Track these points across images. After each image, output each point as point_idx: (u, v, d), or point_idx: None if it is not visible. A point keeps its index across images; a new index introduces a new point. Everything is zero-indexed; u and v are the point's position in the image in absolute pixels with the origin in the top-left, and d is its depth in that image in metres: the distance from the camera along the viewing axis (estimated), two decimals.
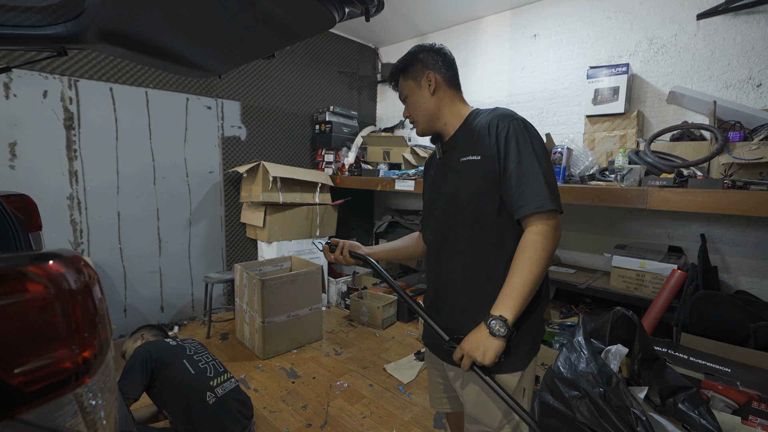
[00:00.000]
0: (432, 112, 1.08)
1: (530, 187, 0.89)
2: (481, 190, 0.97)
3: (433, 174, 1.16)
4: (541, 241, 0.87)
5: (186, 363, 1.61)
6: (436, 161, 1.15)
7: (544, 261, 0.88)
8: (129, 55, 1.41)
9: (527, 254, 0.88)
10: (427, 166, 1.26)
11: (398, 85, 1.15)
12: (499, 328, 0.87)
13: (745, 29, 2.20)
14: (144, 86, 2.64)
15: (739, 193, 1.63)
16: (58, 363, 0.40)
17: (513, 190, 0.91)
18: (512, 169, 0.91)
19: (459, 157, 1.03)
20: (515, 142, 0.92)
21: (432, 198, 1.13)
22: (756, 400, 1.48)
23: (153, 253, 2.80)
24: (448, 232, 1.05)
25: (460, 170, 1.01)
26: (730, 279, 2.31)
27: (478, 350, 0.88)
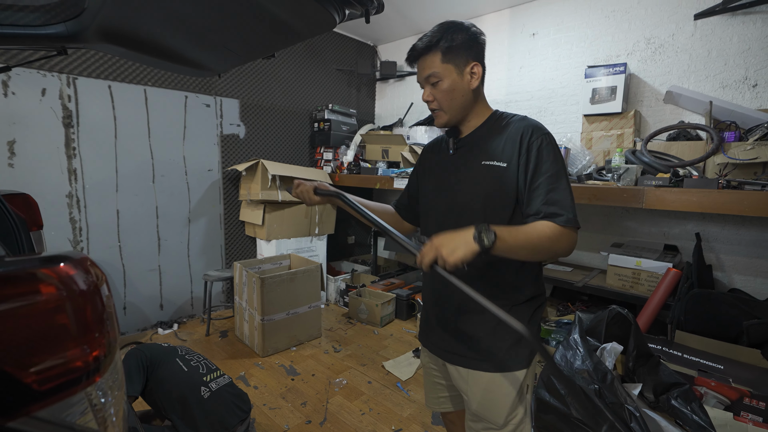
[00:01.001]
0: (465, 106, 1.00)
1: (561, 201, 0.89)
2: (499, 197, 0.96)
3: (438, 167, 1.09)
4: (558, 238, 0.87)
5: (179, 361, 1.64)
6: (443, 154, 1.09)
7: (548, 248, 0.87)
8: (129, 54, 1.41)
9: (545, 230, 0.87)
10: (426, 154, 1.18)
11: (424, 61, 0.98)
12: (485, 236, 0.80)
13: (742, 29, 2.22)
14: (143, 84, 2.63)
15: (734, 193, 1.65)
16: (70, 362, 0.42)
17: (540, 198, 0.90)
18: (541, 181, 0.90)
19: (480, 159, 0.99)
20: (548, 155, 0.92)
21: (436, 193, 1.07)
22: (748, 396, 1.51)
23: (152, 251, 2.80)
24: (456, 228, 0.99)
25: (481, 173, 0.98)
26: (725, 277, 2.34)
27: (448, 246, 0.81)
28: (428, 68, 0.98)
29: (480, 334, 1.02)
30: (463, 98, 0.99)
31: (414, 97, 3.88)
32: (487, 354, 1.01)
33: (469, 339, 1.03)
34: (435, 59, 0.97)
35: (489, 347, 1.01)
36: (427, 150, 1.19)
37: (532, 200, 0.92)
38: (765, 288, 2.21)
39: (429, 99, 1.01)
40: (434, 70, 0.97)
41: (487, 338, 1.01)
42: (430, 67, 0.97)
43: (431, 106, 1.02)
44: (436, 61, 0.97)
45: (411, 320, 3.10)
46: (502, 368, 1.00)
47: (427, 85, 1.00)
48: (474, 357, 1.02)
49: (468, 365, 1.03)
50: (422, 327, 1.20)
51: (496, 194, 0.96)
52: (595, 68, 2.57)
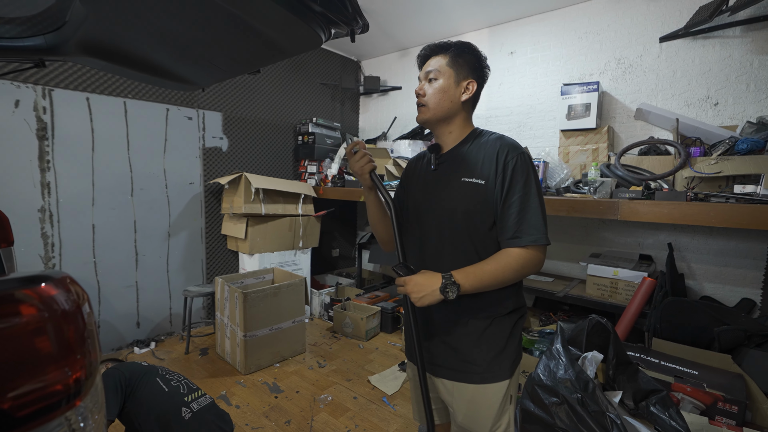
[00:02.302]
0: (449, 112, 1.05)
1: (530, 220, 0.94)
2: (478, 213, 0.99)
3: (421, 183, 1.12)
4: (525, 263, 0.94)
5: (159, 381, 1.58)
6: (426, 170, 1.12)
7: (516, 276, 0.95)
8: (110, 68, 1.39)
9: (509, 261, 0.94)
10: (410, 168, 1.21)
11: (432, 60, 1.06)
12: (451, 292, 0.90)
13: (703, 52, 2.37)
14: (122, 96, 2.59)
15: (701, 205, 1.74)
16: (50, 386, 0.40)
17: (512, 218, 0.95)
18: (514, 200, 0.96)
19: (461, 176, 1.02)
20: (521, 175, 0.96)
21: (418, 208, 1.10)
22: (721, 400, 1.57)
23: (129, 267, 2.71)
24: (437, 246, 1.04)
25: (461, 190, 1.01)
26: (696, 285, 2.44)
27: (419, 292, 0.92)
28: (432, 65, 1.05)
29: (463, 346, 1.03)
30: (451, 104, 1.04)
31: (398, 111, 3.95)
32: (471, 366, 1.03)
33: (453, 351, 1.04)
34: (441, 60, 1.05)
35: (473, 359, 1.02)
36: (411, 165, 1.21)
37: (503, 218, 0.97)
38: (733, 295, 2.32)
39: (420, 92, 1.06)
40: (436, 68, 1.04)
41: (470, 350, 1.03)
42: (434, 65, 1.05)
43: (420, 100, 1.06)
44: (442, 62, 1.05)
45: (396, 333, 3.08)
46: (486, 379, 1.02)
47: (425, 80, 1.06)
48: (458, 369, 1.04)
49: (453, 377, 1.05)
50: (408, 341, 1.21)
51: (475, 211, 0.99)
52: (570, 86, 2.68)
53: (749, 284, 2.27)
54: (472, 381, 1.02)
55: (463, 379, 1.03)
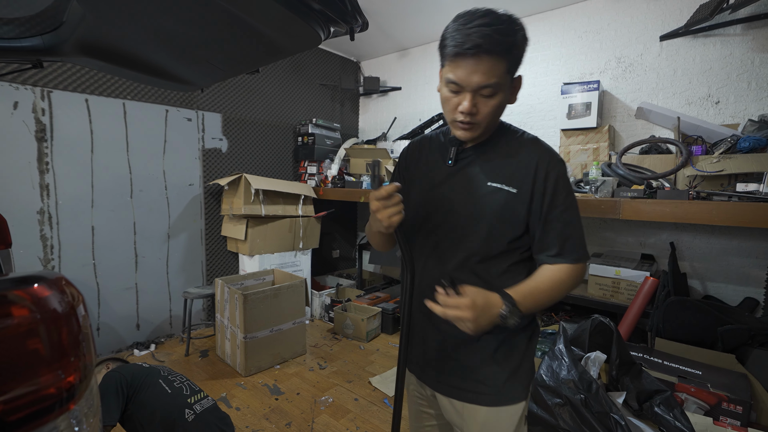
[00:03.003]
0: (496, 123, 0.89)
1: (576, 236, 0.87)
2: (506, 223, 0.88)
3: (430, 177, 0.96)
4: (577, 280, 0.88)
5: (162, 383, 1.57)
6: (437, 163, 0.96)
7: (564, 295, 0.87)
8: (108, 68, 1.39)
9: (564, 279, 0.85)
10: (412, 155, 1.03)
11: (487, 62, 0.76)
12: (511, 320, 0.78)
13: (703, 51, 2.37)
14: (121, 98, 2.58)
15: (703, 204, 1.73)
16: (43, 389, 0.39)
17: (557, 234, 0.86)
18: (556, 214, 0.86)
19: (487, 179, 0.88)
20: (564, 188, 0.87)
21: (428, 207, 0.95)
22: (726, 400, 1.56)
23: (129, 269, 2.70)
24: (449, 254, 0.92)
25: (488, 196, 0.87)
26: (699, 284, 2.43)
27: (475, 320, 0.75)
28: (488, 76, 0.77)
29: (476, 364, 0.92)
30: (501, 112, 0.86)
31: (397, 111, 3.94)
32: (483, 386, 0.92)
33: (464, 369, 0.93)
34: (499, 67, 0.78)
35: (485, 378, 0.92)
36: (413, 151, 1.03)
37: (545, 234, 0.87)
38: (736, 294, 2.30)
39: (472, 111, 0.80)
40: (496, 81, 0.78)
41: (483, 369, 0.92)
42: (491, 75, 0.77)
43: (467, 119, 0.82)
44: (500, 70, 0.78)
45: (397, 334, 3.07)
46: (501, 401, 0.91)
47: (470, 92, 0.79)
48: (470, 389, 0.92)
49: (463, 398, 0.93)
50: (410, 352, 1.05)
51: (502, 220, 0.87)
52: (571, 85, 2.68)
53: (752, 283, 2.26)
54: (485, 403, 0.91)
55: (475, 401, 0.92)
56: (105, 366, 1.76)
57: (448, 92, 0.83)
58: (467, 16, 0.78)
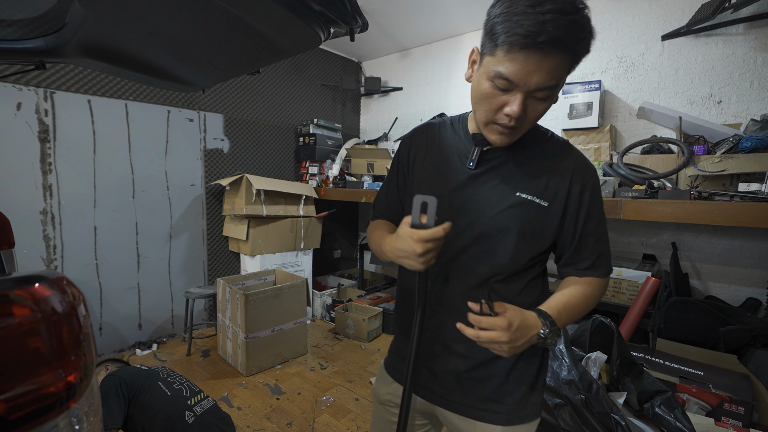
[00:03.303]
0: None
1: (605, 249, 0.84)
2: (534, 238, 0.80)
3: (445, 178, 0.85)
4: (601, 295, 0.85)
5: (161, 385, 1.57)
6: (454, 162, 0.85)
7: (591, 308, 0.84)
8: (110, 69, 1.40)
9: (595, 294, 0.82)
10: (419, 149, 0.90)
11: (552, 60, 0.63)
12: (551, 341, 0.72)
13: (705, 50, 2.36)
14: (123, 98, 2.59)
15: (705, 204, 1.73)
16: (43, 388, 0.40)
17: (590, 248, 0.82)
18: (590, 229, 0.81)
19: (516, 189, 0.79)
20: (598, 200, 0.82)
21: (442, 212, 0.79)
22: (727, 401, 1.55)
23: (131, 269, 2.72)
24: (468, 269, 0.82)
25: (516, 207, 0.78)
26: (701, 285, 2.42)
27: (512, 342, 0.68)
28: (550, 76, 0.65)
29: (490, 381, 0.84)
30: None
31: (399, 112, 3.94)
32: (499, 405, 0.84)
33: (477, 385, 0.85)
34: (563, 67, 0.66)
35: (500, 396, 0.84)
36: (418, 140, 0.90)
37: (579, 249, 0.82)
38: (739, 294, 2.29)
39: (520, 115, 0.69)
40: (556, 83, 0.66)
41: (498, 386, 0.84)
42: (554, 76, 0.65)
43: (512, 123, 0.70)
44: (563, 69, 0.66)
45: None
46: (515, 420, 0.84)
47: (523, 93, 0.67)
48: (484, 408, 0.85)
49: (477, 417, 0.85)
50: (396, 357, 0.96)
51: (531, 235, 0.79)
52: (572, 85, 2.67)
53: (755, 283, 2.25)
54: (500, 422, 0.84)
55: (490, 420, 0.84)
56: (104, 368, 1.76)
57: (492, 88, 0.69)
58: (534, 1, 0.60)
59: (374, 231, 0.92)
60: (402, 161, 0.93)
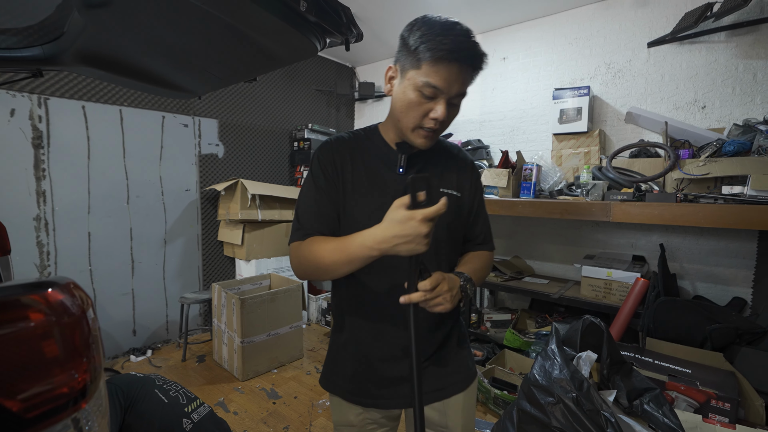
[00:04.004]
0: None
1: (489, 229, 1.04)
2: (458, 225, 0.95)
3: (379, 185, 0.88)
4: (490, 265, 1.03)
5: (158, 392, 1.56)
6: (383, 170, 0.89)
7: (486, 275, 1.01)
8: (107, 77, 1.41)
9: (488, 263, 1.01)
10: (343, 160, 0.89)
11: (467, 76, 0.78)
12: (470, 289, 0.85)
13: (690, 57, 2.43)
14: (118, 104, 2.60)
15: (691, 206, 1.78)
16: (57, 388, 0.42)
17: (481, 227, 1.01)
18: (481, 210, 1.01)
19: (439, 186, 0.92)
20: (482, 187, 1.03)
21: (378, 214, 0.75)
22: (714, 398, 1.59)
23: (125, 274, 2.71)
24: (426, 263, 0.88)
25: None
26: (688, 285, 2.48)
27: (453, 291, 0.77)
28: (465, 84, 0.79)
29: (448, 358, 0.95)
30: None
31: None
32: (458, 374, 0.96)
33: (440, 368, 0.94)
34: (471, 79, 0.80)
35: (459, 366, 0.97)
36: (343, 156, 0.89)
37: (474, 226, 1.00)
38: (725, 294, 2.35)
39: (443, 119, 0.79)
40: (466, 90, 0.81)
41: (456, 358, 0.97)
42: (467, 83, 0.79)
43: (436, 126, 0.81)
44: (470, 79, 0.80)
45: None
46: (471, 379, 0.98)
47: (445, 99, 0.78)
48: (449, 384, 0.95)
49: (444, 396, 0.94)
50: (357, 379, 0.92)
51: (455, 223, 0.94)
52: (562, 90, 2.73)
53: (740, 283, 2.31)
54: (461, 389, 0.96)
55: (454, 391, 0.95)
56: None
57: (417, 96, 0.78)
58: (444, 23, 0.75)
59: (322, 243, 0.82)
60: (329, 175, 0.88)
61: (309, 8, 0.86)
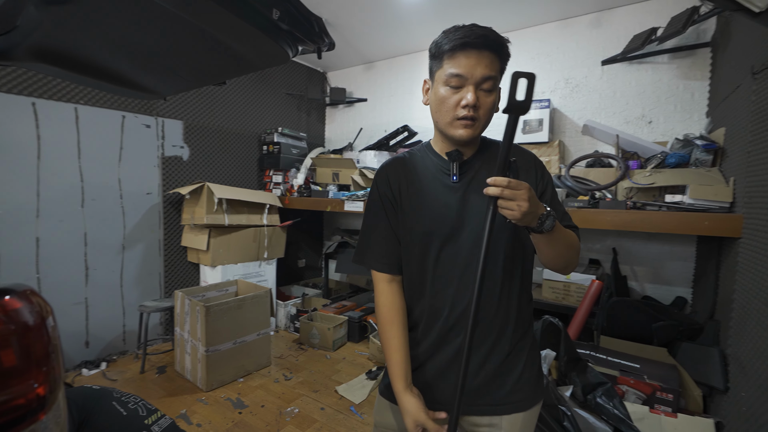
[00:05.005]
0: (488, 124, 0.88)
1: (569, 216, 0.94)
2: (520, 233, 0.88)
3: (434, 196, 0.90)
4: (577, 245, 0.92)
5: (116, 405, 1.49)
6: (436, 181, 0.91)
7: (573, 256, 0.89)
8: (64, 74, 1.34)
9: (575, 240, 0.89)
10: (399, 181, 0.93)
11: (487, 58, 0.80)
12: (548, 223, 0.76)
13: (638, 76, 2.64)
14: (73, 102, 2.45)
15: (638, 213, 1.93)
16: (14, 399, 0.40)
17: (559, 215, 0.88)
18: (555, 203, 0.91)
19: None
20: (551, 180, 0.93)
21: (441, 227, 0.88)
22: (659, 390, 1.73)
23: (78, 283, 2.54)
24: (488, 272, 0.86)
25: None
26: (638, 286, 2.67)
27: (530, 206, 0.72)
28: (491, 68, 0.80)
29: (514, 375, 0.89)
30: (492, 114, 0.87)
31: (363, 122, 4.02)
32: (521, 393, 0.89)
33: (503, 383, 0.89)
34: (497, 64, 0.81)
35: (522, 384, 0.90)
36: (399, 176, 0.94)
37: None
38: (669, 294, 2.56)
39: (474, 103, 0.80)
40: (495, 75, 0.81)
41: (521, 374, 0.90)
42: (493, 68, 0.80)
43: (471, 113, 0.81)
44: (497, 66, 0.81)
45: (363, 342, 3.09)
46: (535, 401, 0.91)
47: (473, 85, 0.80)
48: (509, 401, 0.89)
49: (503, 411, 0.88)
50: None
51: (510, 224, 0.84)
52: None
53: (682, 284, 2.52)
54: (523, 408, 0.89)
55: (515, 410, 0.88)
56: None
57: (447, 90, 0.82)
58: (459, 25, 0.82)
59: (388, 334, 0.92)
60: (386, 202, 0.94)
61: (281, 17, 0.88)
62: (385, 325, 0.93)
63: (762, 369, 1.27)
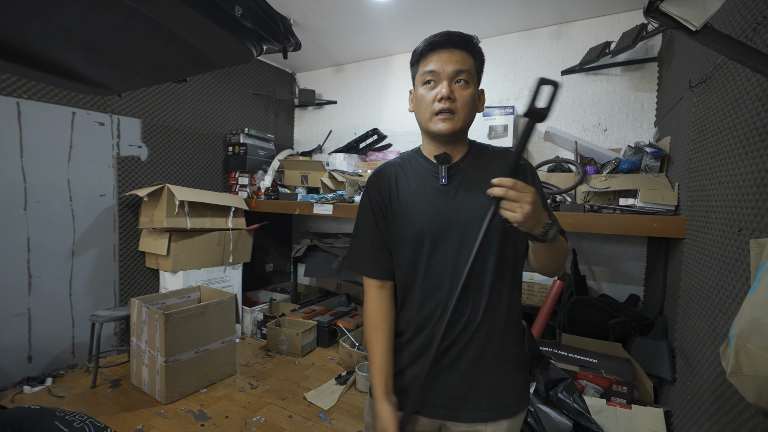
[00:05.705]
0: (468, 126, 0.91)
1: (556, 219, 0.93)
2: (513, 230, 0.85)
3: (424, 200, 0.91)
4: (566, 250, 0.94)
5: (59, 424, 1.37)
6: (426, 185, 0.92)
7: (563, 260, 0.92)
8: (5, 66, 1.24)
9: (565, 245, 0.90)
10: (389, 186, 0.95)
11: (459, 55, 0.86)
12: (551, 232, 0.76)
13: (594, 86, 2.80)
14: (15, 96, 2.27)
15: (595, 216, 2.04)
16: None
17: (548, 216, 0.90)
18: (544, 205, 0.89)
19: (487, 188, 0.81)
20: (540, 183, 0.95)
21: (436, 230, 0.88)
22: (615, 383, 1.82)
23: (19, 292, 2.34)
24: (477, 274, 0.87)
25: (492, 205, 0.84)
26: (595, 285, 2.82)
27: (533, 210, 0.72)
28: (462, 63, 0.86)
29: (502, 381, 0.90)
30: (472, 117, 0.91)
31: (333, 125, 3.99)
32: (508, 399, 0.90)
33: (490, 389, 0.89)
34: (469, 60, 0.87)
35: (511, 392, 0.90)
36: (389, 182, 0.95)
37: None
38: (624, 292, 2.71)
39: (450, 96, 0.85)
40: (468, 69, 0.86)
41: (507, 380, 0.90)
42: (465, 63, 0.86)
43: (448, 105, 0.85)
44: (470, 62, 0.87)
45: (333, 347, 3.05)
46: (521, 408, 0.91)
47: (449, 80, 0.85)
48: (496, 407, 0.89)
49: (489, 418, 0.88)
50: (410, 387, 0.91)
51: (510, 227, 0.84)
52: (491, 108, 2.97)
53: (635, 282, 2.68)
54: (510, 415, 0.89)
55: (502, 416, 0.89)
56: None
57: (424, 89, 0.88)
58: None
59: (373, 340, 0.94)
60: (377, 208, 0.95)
61: (245, 14, 0.85)
62: (370, 331, 0.95)
63: (703, 359, 1.38)
